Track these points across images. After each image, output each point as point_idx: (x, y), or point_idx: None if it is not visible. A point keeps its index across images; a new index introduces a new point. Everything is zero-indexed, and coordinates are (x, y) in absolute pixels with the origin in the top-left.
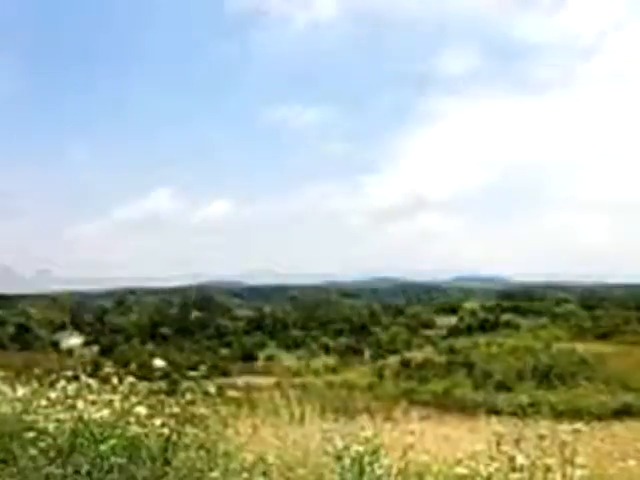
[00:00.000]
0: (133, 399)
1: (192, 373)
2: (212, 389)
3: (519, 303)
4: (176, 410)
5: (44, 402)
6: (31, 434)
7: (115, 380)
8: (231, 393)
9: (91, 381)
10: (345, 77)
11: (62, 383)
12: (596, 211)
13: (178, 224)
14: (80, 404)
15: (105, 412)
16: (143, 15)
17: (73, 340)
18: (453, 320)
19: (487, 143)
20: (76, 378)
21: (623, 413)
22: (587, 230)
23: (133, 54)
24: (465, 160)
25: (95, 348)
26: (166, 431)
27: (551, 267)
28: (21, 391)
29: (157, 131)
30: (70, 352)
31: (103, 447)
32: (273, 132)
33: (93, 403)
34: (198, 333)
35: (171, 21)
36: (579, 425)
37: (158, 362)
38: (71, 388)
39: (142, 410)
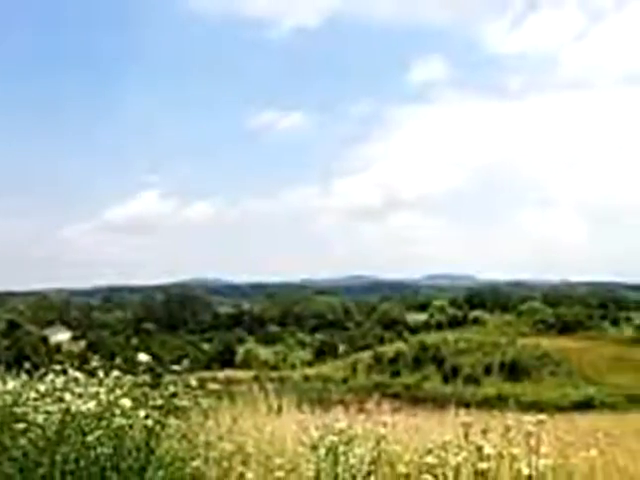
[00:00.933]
0: (118, 392)
1: (175, 367)
2: (194, 382)
3: (486, 300)
4: (159, 402)
5: (33, 395)
6: (21, 425)
7: (101, 374)
8: (212, 386)
9: (78, 374)
10: (323, 84)
11: (51, 376)
12: (561, 213)
13: (163, 225)
14: (68, 397)
15: (91, 404)
16: (129, 21)
17: (61, 335)
18: (424, 317)
19: (457, 147)
20: (64, 372)
21: (585, 405)
22: (552, 230)
23: (124, 58)
24: (436, 163)
25: (82, 343)
26: (150, 422)
27: (518, 266)
28: (11, 384)
29: (146, 135)
30: (58, 347)
31: (90, 438)
32: (257, 137)
33: (80, 396)
34: (181, 329)
35: (156, 26)
36: (543, 416)
37: (142, 356)
38: (59, 381)
39: (127, 402)
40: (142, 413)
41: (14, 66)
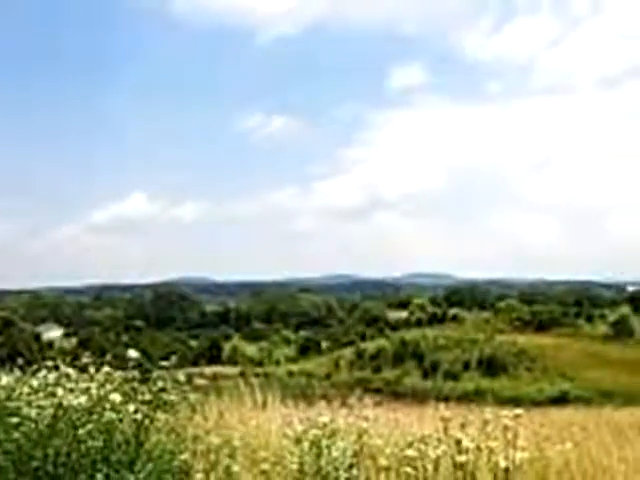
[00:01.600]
0: (108, 387)
1: (163, 363)
2: (182, 377)
3: (465, 298)
4: (148, 397)
5: (27, 390)
6: (15, 419)
7: (92, 369)
8: (199, 381)
9: (70, 370)
10: (306, 89)
11: (43, 372)
12: (538, 213)
13: (152, 225)
14: (60, 392)
15: (83, 399)
16: (119, 30)
17: (54, 332)
18: (404, 314)
19: (436, 150)
20: (56, 368)
21: (560, 400)
22: (529, 230)
23: (112, 65)
24: (416, 165)
25: (74, 340)
26: (139, 416)
27: (495, 265)
28: (5, 379)
29: (134, 139)
30: (51, 343)
31: (81, 431)
32: (243, 140)
33: (72, 391)
34: (169, 326)
35: (147, 34)
36: (520, 411)
37: (132, 353)
38: (51, 377)
39: (117, 397)
40: (131, 407)
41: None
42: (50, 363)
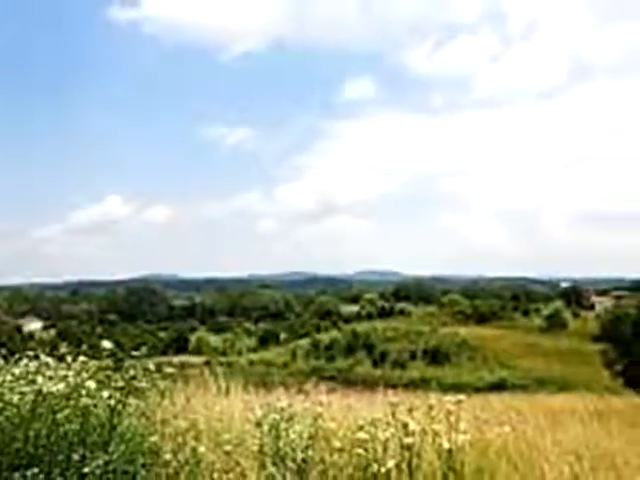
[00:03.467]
0: (84, 375)
1: (135, 353)
2: (151, 366)
3: (411, 294)
4: (121, 384)
5: (9, 377)
6: None
7: (69, 359)
8: (167, 370)
9: (49, 360)
10: (267, 102)
11: (24, 361)
12: (478, 216)
13: (125, 226)
14: (40, 379)
15: (61, 386)
16: (88, 34)
17: (34, 325)
18: (356, 308)
19: (385, 157)
20: (36, 357)
21: (499, 387)
22: (470, 231)
23: (88, 79)
24: (367, 172)
25: (53, 331)
26: (112, 402)
27: (439, 263)
28: None
29: (109, 147)
30: (31, 335)
31: (59, 416)
32: (208, 148)
33: (51, 378)
34: (140, 319)
35: (117, 43)
36: (462, 397)
37: (106, 343)
38: (32, 366)
39: (92, 384)
40: (105, 394)
41: None
42: (31, 353)
